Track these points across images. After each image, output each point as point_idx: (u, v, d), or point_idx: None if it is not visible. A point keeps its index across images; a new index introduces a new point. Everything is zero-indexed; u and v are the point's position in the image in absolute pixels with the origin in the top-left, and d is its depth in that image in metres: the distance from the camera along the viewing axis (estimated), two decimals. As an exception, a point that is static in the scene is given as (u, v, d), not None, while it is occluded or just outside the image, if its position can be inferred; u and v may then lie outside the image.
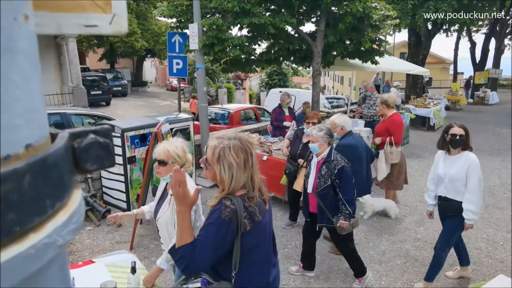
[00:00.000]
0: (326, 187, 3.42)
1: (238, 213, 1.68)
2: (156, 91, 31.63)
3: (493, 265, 4.11)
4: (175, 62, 7.52)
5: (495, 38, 22.53)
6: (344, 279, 3.86)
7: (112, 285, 2.36)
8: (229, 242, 1.71)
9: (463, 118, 14.57)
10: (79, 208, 0.37)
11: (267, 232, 1.89)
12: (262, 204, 1.83)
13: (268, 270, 1.91)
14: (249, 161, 1.76)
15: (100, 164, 0.43)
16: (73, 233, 0.35)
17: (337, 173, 3.35)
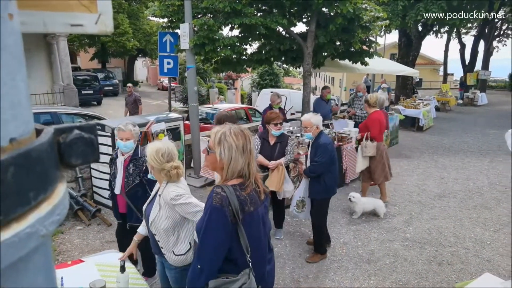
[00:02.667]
0: (135, 186, 3.36)
1: (229, 199, 1.70)
2: (147, 90, 31.45)
3: (481, 264, 4.18)
4: (166, 62, 7.51)
5: (484, 40, 22.88)
6: (332, 278, 3.90)
7: (101, 284, 2.35)
8: (228, 228, 1.71)
9: (452, 119, 14.78)
10: (62, 200, 0.39)
11: (261, 224, 1.87)
12: (256, 197, 1.82)
13: (263, 265, 1.89)
14: (247, 146, 1.80)
15: (85, 159, 0.44)
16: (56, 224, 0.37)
17: (145, 170, 3.29)
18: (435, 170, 7.75)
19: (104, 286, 2.33)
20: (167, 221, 2.42)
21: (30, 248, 0.33)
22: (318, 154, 3.96)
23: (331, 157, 3.96)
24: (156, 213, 2.44)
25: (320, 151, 3.94)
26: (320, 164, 3.93)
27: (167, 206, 2.42)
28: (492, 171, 7.73)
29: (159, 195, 2.47)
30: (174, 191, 2.41)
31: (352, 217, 5.36)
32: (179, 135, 5.93)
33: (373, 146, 5.62)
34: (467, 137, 11.28)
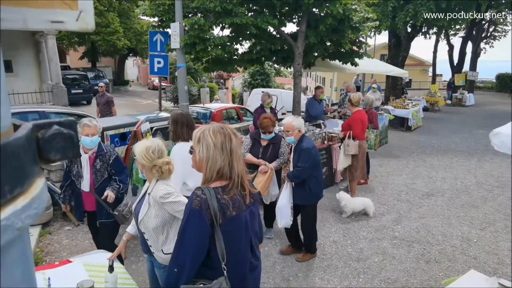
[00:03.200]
0: (104, 181, 3.36)
1: (208, 202, 1.66)
2: (138, 90, 31.25)
3: (467, 261, 4.24)
4: (156, 61, 7.48)
5: (471, 41, 23.21)
6: (322, 276, 3.92)
7: (89, 284, 2.33)
8: (205, 232, 1.67)
9: (441, 119, 14.97)
10: (40, 195, 0.39)
11: (243, 230, 1.79)
12: (240, 201, 1.77)
13: (243, 272, 1.81)
14: (226, 144, 1.74)
15: (64, 155, 0.45)
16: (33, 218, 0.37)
17: (113, 163, 3.35)
18: (424, 170, 7.85)
19: (92, 286, 2.31)
20: (156, 220, 2.41)
21: (6, 240, 0.34)
22: (301, 159, 3.85)
23: (314, 161, 3.86)
24: (145, 212, 2.43)
25: (303, 156, 3.84)
26: (304, 169, 3.83)
27: (156, 205, 2.42)
28: (480, 170, 7.86)
29: (148, 194, 2.46)
30: (163, 190, 2.41)
31: (341, 216, 5.40)
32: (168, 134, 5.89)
33: (355, 145, 5.74)
34: (455, 137, 11.44)
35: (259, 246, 2.09)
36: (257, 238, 1.97)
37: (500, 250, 4.49)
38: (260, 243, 2.10)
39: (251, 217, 1.85)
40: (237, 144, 1.80)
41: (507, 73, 28.74)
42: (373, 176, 7.17)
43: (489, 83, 31.85)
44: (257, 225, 1.97)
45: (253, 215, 1.89)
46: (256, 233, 1.95)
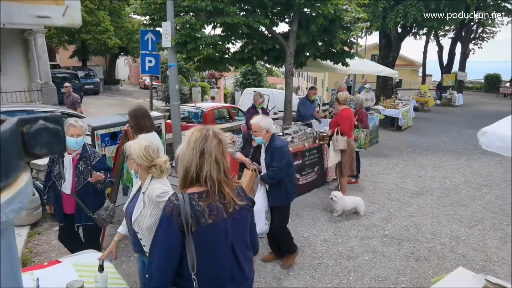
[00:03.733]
0: (86, 184, 3.31)
1: (180, 208, 1.61)
2: (129, 89, 31.02)
3: (456, 259, 4.30)
4: (148, 60, 7.44)
5: (460, 42, 23.52)
6: (313, 275, 3.95)
7: (79, 284, 2.32)
8: (174, 239, 1.61)
9: (431, 119, 15.14)
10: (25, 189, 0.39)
11: (222, 240, 1.69)
12: (220, 208, 1.67)
13: (221, 284, 1.72)
14: (199, 143, 1.67)
15: (50, 150, 0.45)
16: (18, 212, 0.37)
17: (96, 165, 3.31)
18: (413, 169, 7.94)
19: (82, 286, 2.30)
20: (151, 219, 2.40)
21: (-11, 233, 0.34)
22: (275, 159, 3.73)
23: (289, 160, 3.77)
24: (140, 211, 2.41)
25: (277, 155, 3.72)
26: (280, 169, 3.71)
27: (151, 204, 2.40)
28: (468, 169, 7.97)
29: (143, 193, 2.44)
30: (159, 188, 2.40)
31: (332, 214, 5.43)
32: (160, 134, 5.87)
33: (344, 140, 5.89)
34: (445, 136, 11.58)
35: (253, 258, 1.97)
36: (247, 248, 1.85)
37: (488, 247, 4.56)
38: (254, 254, 2.01)
39: (235, 226, 1.73)
40: (213, 147, 1.68)
41: (495, 74, 29.20)
42: (363, 175, 7.22)
43: (477, 83, 32.32)
44: (245, 235, 1.83)
45: (238, 224, 1.75)
46: (244, 243, 1.82)
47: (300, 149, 6.30)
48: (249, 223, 1.88)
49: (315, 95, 8.24)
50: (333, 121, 6.22)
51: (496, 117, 3.05)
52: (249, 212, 1.87)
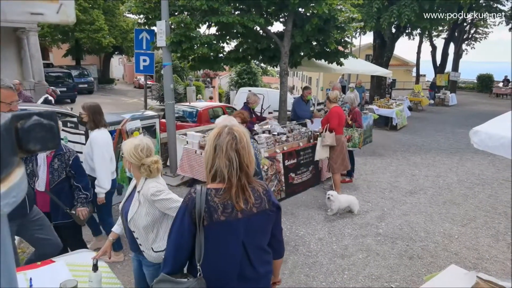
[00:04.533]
0: (61, 182, 3.30)
1: (196, 201, 1.66)
2: (124, 88, 30.87)
3: (449, 257, 4.34)
4: (142, 59, 7.42)
5: (454, 43, 23.71)
6: (307, 273, 3.96)
7: (72, 284, 2.30)
8: (186, 229, 1.69)
9: (424, 119, 15.26)
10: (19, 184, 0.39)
11: (233, 239, 1.71)
12: (234, 208, 1.68)
13: (227, 282, 1.74)
14: (216, 140, 1.71)
15: (44, 145, 0.45)
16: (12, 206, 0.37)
17: (72, 164, 3.31)
18: (407, 168, 8.00)
19: (75, 286, 2.28)
20: (147, 218, 2.40)
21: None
22: None
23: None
24: (136, 210, 2.41)
25: None
26: None
27: (147, 203, 2.40)
28: (461, 168, 8.04)
29: (138, 192, 2.44)
30: (154, 187, 2.40)
31: (327, 213, 5.46)
32: (154, 133, 5.86)
33: (332, 136, 5.93)
34: (438, 136, 11.68)
35: (277, 262, 1.99)
36: (263, 251, 1.83)
37: (480, 245, 4.62)
38: (277, 258, 1.98)
39: (250, 229, 1.72)
40: (225, 143, 1.68)
41: (487, 74, 29.46)
42: (357, 174, 7.26)
43: (470, 83, 32.57)
44: (261, 239, 1.81)
45: (253, 226, 1.74)
46: (258, 246, 1.80)
47: (295, 148, 6.32)
48: (267, 228, 1.84)
49: (310, 95, 8.26)
50: (324, 119, 6.30)
51: (489, 117, 3.08)
52: (269, 216, 1.80)
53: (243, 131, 1.75)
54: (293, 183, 6.22)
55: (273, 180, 5.80)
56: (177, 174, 6.57)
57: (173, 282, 1.71)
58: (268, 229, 1.84)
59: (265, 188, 1.80)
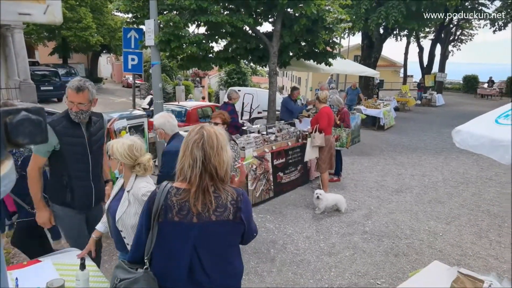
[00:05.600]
0: (17, 181, 3.20)
1: (156, 197, 1.67)
2: (112, 88, 30.56)
3: (433, 254, 4.43)
4: (130, 58, 7.37)
5: (440, 44, 24.12)
6: (295, 271, 4.01)
7: (59, 283, 2.29)
8: (144, 223, 1.71)
9: (411, 119, 15.48)
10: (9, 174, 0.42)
11: (183, 242, 1.65)
12: (191, 211, 1.62)
13: (179, 283, 1.69)
14: (186, 138, 1.69)
15: (32, 139, 0.47)
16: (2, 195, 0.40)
17: (21, 165, 3.25)
18: (394, 167, 8.12)
19: (62, 285, 2.27)
20: (135, 218, 2.38)
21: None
22: (162, 164, 3.43)
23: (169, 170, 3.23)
24: (125, 210, 2.40)
25: (163, 160, 3.40)
26: (161, 177, 3.34)
27: (136, 203, 2.40)
28: (446, 167, 8.20)
29: (127, 191, 2.43)
30: (145, 187, 2.39)
31: (315, 212, 5.51)
32: (143, 132, 5.84)
33: (321, 137, 6.00)
34: (424, 136, 11.88)
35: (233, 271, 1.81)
36: (222, 260, 1.72)
37: (464, 243, 4.72)
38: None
39: (204, 236, 1.64)
40: (192, 141, 1.65)
41: (473, 75, 30.02)
42: (345, 174, 7.35)
43: (456, 84, 33.14)
44: (218, 248, 1.70)
45: (209, 234, 1.65)
46: (216, 254, 1.70)
47: (284, 147, 6.37)
48: (230, 239, 1.73)
49: (298, 95, 8.34)
50: (313, 119, 6.36)
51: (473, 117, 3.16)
52: (234, 228, 1.69)
53: (216, 132, 1.68)
54: (281, 182, 6.27)
55: (261, 179, 5.83)
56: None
57: (125, 270, 1.75)
58: (231, 241, 1.73)
59: (236, 198, 1.67)
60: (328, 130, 6.13)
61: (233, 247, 1.78)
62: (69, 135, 2.88)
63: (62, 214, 3.03)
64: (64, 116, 2.92)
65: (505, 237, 4.88)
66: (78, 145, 2.91)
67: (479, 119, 2.87)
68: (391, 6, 13.25)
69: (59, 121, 2.88)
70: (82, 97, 2.81)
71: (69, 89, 2.80)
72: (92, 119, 3.04)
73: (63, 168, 2.93)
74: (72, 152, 2.89)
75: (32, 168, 2.85)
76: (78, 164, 2.94)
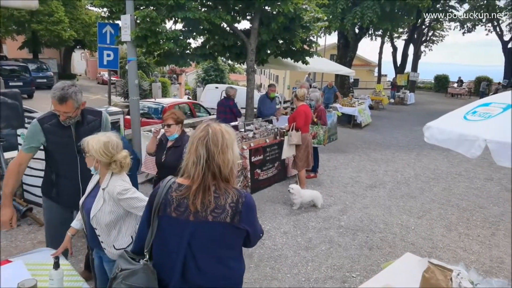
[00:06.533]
0: None
1: (158, 191, 1.69)
2: (86, 84, 29.75)
3: (406, 247, 4.57)
4: (106, 54, 7.22)
5: (413, 44, 24.83)
6: (273, 266, 4.05)
7: (31, 283, 2.21)
8: (145, 216, 1.76)
9: (385, 117, 15.87)
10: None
11: (177, 239, 1.65)
12: (188, 209, 1.62)
13: (173, 278, 1.68)
14: (193, 142, 1.66)
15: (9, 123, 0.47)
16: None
17: None
18: (368, 164, 8.32)
19: (35, 285, 2.20)
20: (110, 216, 2.36)
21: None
22: None
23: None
24: (99, 207, 2.36)
25: None
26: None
27: (111, 201, 2.36)
28: (418, 163, 8.48)
29: (103, 189, 2.39)
30: (120, 186, 2.35)
31: (292, 208, 5.58)
32: (119, 129, 5.74)
33: (298, 135, 6.05)
34: (397, 133, 12.23)
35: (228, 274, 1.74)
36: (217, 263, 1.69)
37: (435, 235, 4.90)
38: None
39: (198, 236, 1.63)
40: (197, 138, 1.64)
41: (444, 75, 31.07)
42: (322, 170, 7.47)
43: (428, 83, 34.23)
44: (212, 250, 1.66)
45: (204, 234, 1.63)
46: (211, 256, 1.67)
47: (262, 145, 6.40)
48: (227, 242, 1.69)
49: (273, 92, 8.37)
50: (290, 117, 6.40)
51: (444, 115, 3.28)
52: (232, 231, 1.65)
53: (222, 130, 1.66)
54: (258, 179, 6.30)
55: (239, 176, 5.85)
56: (141, 171, 6.46)
57: (126, 261, 1.78)
58: (229, 243, 1.69)
59: (236, 201, 1.63)
60: (305, 129, 6.19)
61: (231, 250, 1.73)
62: (57, 135, 2.80)
63: (46, 206, 3.01)
64: (54, 114, 2.82)
65: (473, 229, 5.11)
66: (65, 146, 2.82)
67: (448, 115, 3.00)
68: (366, 6, 13.54)
69: (48, 119, 2.79)
70: (66, 107, 2.70)
71: (52, 99, 2.68)
72: (86, 119, 2.91)
73: (52, 164, 2.88)
74: (59, 152, 2.82)
75: (13, 162, 2.78)
76: (66, 164, 2.87)
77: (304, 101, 6.27)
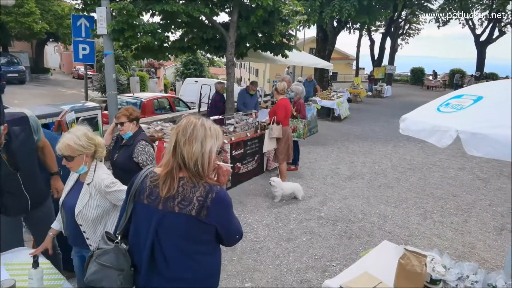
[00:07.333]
0: None
1: (136, 178, 1.78)
2: (61, 79, 28.91)
3: (383, 235, 4.72)
4: (81, 47, 7.05)
5: (390, 37, 25.25)
6: (255, 258, 4.11)
7: (9, 283, 2.16)
8: (124, 200, 1.83)
9: (362, 110, 16.16)
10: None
11: (146, 224, 1.68)
12: (158, 197, 1.66)
13: (142, 263, 1.72)
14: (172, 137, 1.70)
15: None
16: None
17: None
18: (347, 155, 8.49)
19: (13, 285, 2.16)
20: (97, 210, 2.35)
21: None
22: None
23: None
24: (85, 203, 2.34)
25: None
26: None
27: (98, 195, 2.35)
28: (395, 155, 8.71)
29: (88, 184, 2.37)
30: (107, 179, 2.36)
31: (273, 201, 5.65)
32: (97, 125, 5.64)
33: (279, 128, 6.13)
34: (375, 125, 12.49)
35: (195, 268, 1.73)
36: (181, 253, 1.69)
37: (411, 224, 5.07)
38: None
39: (164, 225, 1.65)
40: (179, 130, 1.66)
41: (419, 68, 31.80)
42: (302, 163, 7.57)
43: (405, 76, 34.96)
44: (177, 242, 1.66)
45: (169, 225, 1.64)
46: (177, 248, 1.67)
47: (242, 138, 6.43)
48: (193, 235, 1.68)
49: (254, 91, 8.34)
50: (271, 110, 6.45)
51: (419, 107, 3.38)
52: (198, 225, 1.64)
53: (197, 123, 1.67)
54: (239, 173, 6.34)
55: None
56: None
57: (104, 241, 1.83)
58: (197, 237, 1.69)
59: (205, 195, 1.62)
60: (286, 122, 6.25)
61: (199, 244, 1.71)
62: None
63: None
64: None
65: (447, 217, 5.31)
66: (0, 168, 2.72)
67: (423, 107, 3.10)
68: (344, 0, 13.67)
69: None
70: None
71: None
72: (13, 133, 2.73)
73: None
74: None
75: None
76: (8, 182, 2.77)
77: (284, 95, 6.31)
